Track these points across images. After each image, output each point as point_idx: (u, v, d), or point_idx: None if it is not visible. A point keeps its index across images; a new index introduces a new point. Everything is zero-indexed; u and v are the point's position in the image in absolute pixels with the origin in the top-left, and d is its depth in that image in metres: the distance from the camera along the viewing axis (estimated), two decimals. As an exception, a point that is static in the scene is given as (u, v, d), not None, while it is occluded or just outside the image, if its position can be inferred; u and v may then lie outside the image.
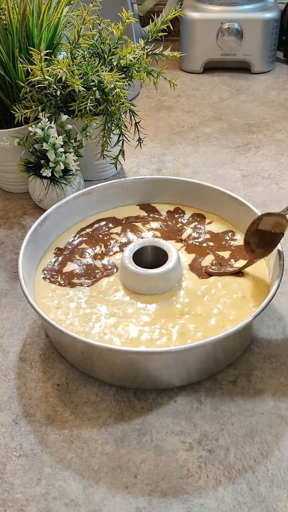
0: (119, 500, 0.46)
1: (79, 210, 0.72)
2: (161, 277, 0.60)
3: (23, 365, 0.59)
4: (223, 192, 0.70)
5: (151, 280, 0.60)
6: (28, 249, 0.63)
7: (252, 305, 0.58)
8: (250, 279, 0.62)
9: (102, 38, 0.79)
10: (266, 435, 0.51)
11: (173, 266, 0.61)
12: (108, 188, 0.73)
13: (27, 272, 0.60)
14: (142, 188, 0.74)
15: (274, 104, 1.12)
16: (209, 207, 0.73)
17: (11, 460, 0.50)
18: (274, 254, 0.60)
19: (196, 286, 0.62)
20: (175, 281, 0.62)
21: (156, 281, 0.60)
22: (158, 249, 0.64)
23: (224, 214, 0.72)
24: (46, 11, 0.76)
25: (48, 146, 0.75)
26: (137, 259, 0.62)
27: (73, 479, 0.48)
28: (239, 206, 0.68)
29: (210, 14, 1.20)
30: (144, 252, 0.64)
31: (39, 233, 0.66)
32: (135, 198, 0.75)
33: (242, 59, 1.23)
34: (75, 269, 0.65)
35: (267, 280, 0.62)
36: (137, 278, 0.60)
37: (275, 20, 1.19)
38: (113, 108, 0.75)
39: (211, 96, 1.17)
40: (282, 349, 0.59)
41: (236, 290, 0.61)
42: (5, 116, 0.81)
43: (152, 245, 0.64)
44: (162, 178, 0.75)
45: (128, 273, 0.61)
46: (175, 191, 0.74)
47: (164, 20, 0.79)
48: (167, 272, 0.60)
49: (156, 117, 1.09)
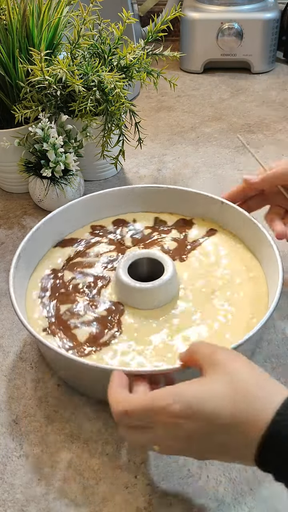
0: (119, 500, 0.46)
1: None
2: (159, 289, 0.58)
3: (23, 365, 0.59)
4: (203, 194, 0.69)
5: (150, 294, 0.57)
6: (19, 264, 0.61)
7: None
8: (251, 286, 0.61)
9: (102, 38, 0.79)
10: (266, 435, 0.51)
11: (170, 278, 0.58)
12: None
13: (18, 288, 0.58)
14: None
15: (274, 104, 1.12)
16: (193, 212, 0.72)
17: (11, 460, 0.50)
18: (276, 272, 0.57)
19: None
20: (172, 293, 0.60)
21: (154, 294, 0.58)
22: (153, 261, 0.61)
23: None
24: (46, 11, 0.76)
25: (48, 146, 0.75)
26: (131, 272, 0.60)
27: (74, 479, 0.48)
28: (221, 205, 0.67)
29: (210, 14, 1.20)
30: (139, 265, 0.62)
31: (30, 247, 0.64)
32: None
33: (242, 59, 1.23)
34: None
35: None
36: (135, 292, 0.58)
37: (275, 20, 1.19)
38: (113, 108, 0.75)
39: (211, 96, 1.17)
40: (282, 349, 0.59)
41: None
42: (5, 116, 0.81)
43: (147, 257, 0.62)
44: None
45: (125, 287, 0.58)
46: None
47: (164, 20, 0.79)
48: (164, 284, 0.58)
49: (156, 117, 1.09)
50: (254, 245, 0.65)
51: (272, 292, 0.56)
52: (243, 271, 0.63)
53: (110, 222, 0.71)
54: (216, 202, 0.68)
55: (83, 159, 0.81)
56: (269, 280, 0.60)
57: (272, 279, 0.58)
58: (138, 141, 0.82)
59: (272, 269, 0.59)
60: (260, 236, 0.62)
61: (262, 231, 0.62)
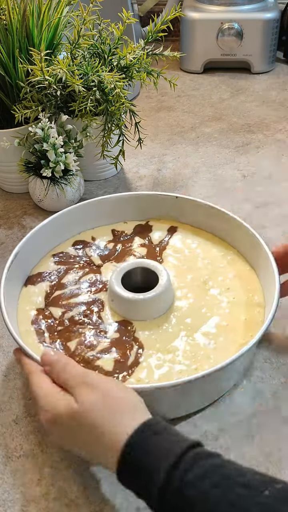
0: (120, 500, 0.46)
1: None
2: (162, 294, 0.58)
3: (23, 365, 0.59)
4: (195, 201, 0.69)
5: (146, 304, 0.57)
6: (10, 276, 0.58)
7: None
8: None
9: (102, 38, 0.79)
10: (266, 435, 0.51)
11: (167, 280, 0.58)
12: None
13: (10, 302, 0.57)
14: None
15: (274, 104, 1.12)
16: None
17: (11, 461, 0.50)
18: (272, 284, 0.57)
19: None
20: (172, 295, 0.60)
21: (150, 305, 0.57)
22: (146, 271, 0.61)
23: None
24: (46, 11, 0.76)
25: (48, 146, 0.75)
26: (124, 283, 0.59)
27: (74, 479, 0.48)
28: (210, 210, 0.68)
29: (210, 14, 1.20)
30: (130, 277, 0.61)
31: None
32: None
33: (242, 59, 1.23)
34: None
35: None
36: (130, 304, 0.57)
37: (275, 20, 1.19)
38: (113, 108, 0.75)
39: (211, 96, 1.17)
40: (282, 349, 0.59)
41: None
42: (5, 116, 0.81)
43: (140, 267, 0.61)
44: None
45: (130, 303, 0.57)
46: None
47: (164, 20, 0.79)
48: (165, 289, 0.58)
49: (156, 117, 1.09)
50: (216, 227, 0.67)
51: (266, 282, 0.59)
52: (220, 256, 0.66)
53: (69, 245, 0.69)
54: (170, 198, 0.69)
55: (83, 159, 0.81)
56: (249, 257, 0.64)
57: (249, 256, 0.64)
58: (138, 141, 0.82)
59: (243, 244, 0.64)
60: (221, 216, 0.66)
61: (222, 211, 0.65)
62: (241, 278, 0.63)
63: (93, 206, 0.70)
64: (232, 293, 0.61)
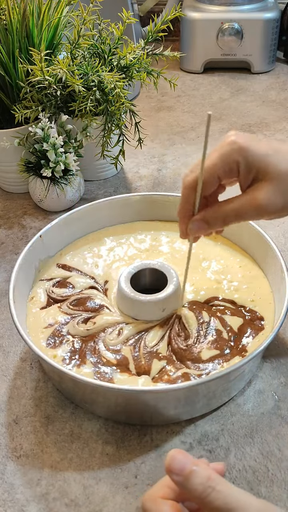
0: (120, 500, 0.46)
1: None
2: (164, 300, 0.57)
3: (23, 365, 0.59)
4: None
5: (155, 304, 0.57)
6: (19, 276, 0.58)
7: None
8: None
9: (102, 38, 0.79)
10: (266, 435, 0.51)
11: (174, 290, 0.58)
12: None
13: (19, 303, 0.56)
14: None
15: (274, 104, 1.12)
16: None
17: (11, 461, 0.50)
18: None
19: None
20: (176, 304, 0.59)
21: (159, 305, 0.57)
22: (156, 272, 0.61)
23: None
24: (46, 11, 0.76)
25: (48, 146, 0.75)
26: (132, 283, 0.59)
27: (74, 479, 0.48)
28: None
29: (210, 14, 1.20)
30: (141, 276, 0.61)
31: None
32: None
33: (242, 59, 1.23)
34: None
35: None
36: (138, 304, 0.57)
37: (275, 20, 1.19)
38: (113, 108, 0.75)
39: (211, 96, 1.17)
40: (282, 349, 0.59)
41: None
42: (5, 116, 0.81)
43: (149, 268, 0.61)
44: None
45: (127, 299, 0.57)
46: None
47: (164, 20, 0.79)
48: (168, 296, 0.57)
49: (156, 117, 1.09)
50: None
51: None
52: (202, 240, 0.61)
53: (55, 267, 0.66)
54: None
55: (83, 159, 0.81)
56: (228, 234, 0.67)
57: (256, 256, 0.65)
58: (138, 141, 0.82)
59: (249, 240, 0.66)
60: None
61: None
62: (229, 253, 0.66)
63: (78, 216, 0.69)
64: (224, 270, 0.64)
